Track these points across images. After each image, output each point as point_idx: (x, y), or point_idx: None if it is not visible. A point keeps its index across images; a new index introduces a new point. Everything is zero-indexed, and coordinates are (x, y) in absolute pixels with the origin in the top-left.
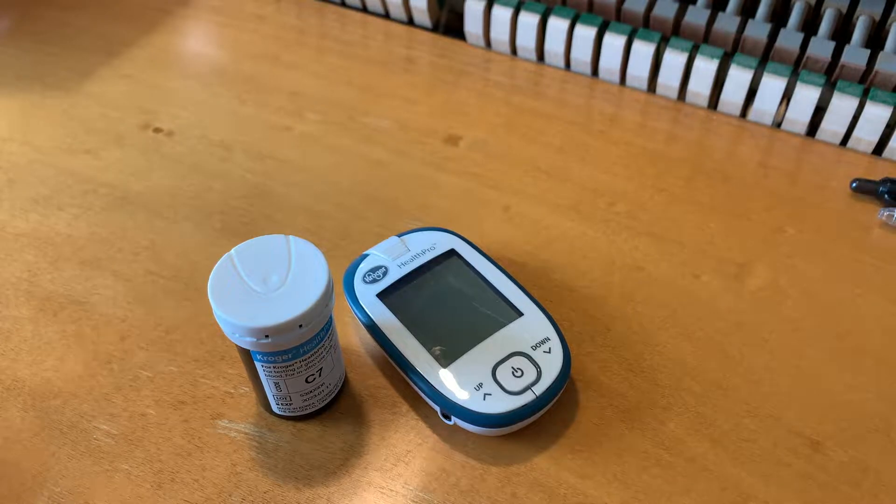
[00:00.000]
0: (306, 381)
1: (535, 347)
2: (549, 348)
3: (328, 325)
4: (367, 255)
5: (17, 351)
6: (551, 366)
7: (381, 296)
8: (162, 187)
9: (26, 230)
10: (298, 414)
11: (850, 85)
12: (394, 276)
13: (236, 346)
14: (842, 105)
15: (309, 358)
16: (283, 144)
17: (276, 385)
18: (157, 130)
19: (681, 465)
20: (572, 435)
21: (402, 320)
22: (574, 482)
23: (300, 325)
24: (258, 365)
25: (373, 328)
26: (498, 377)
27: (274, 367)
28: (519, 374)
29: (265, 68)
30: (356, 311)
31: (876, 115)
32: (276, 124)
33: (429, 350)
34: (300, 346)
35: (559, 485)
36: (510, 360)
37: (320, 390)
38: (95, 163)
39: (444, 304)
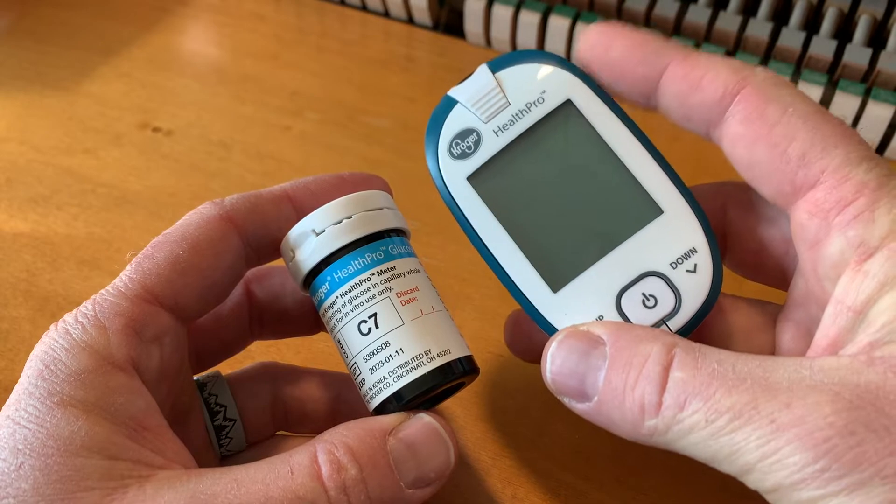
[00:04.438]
0: (359, 330)
1: (675, 265)
2: (695, 265)
3: (373, 249)
4: (453, 104)
5: (15, 351)
6: (694, 290)
7: (474, 179)
8: (161, 187)
9: (24, 230)
10: (381, 401)
11: (852, 84)
12: (490, 147)
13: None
14: (844, 104)
15: (350, 291)
16: (283, 144)
17: (340, 345)
18: (155, 130)
19: (684, 466)
20: (575, 435)
21: (501, 220)
22: (576, 484)
23: (313, 231)
24: (321, 314)
25: (463, 226)
26: (624, 307)
27: (324, 311)
28: (651, 303)
29: (264, 67)
30: (443, 194)
31: (878, 114)
32: (275, 123)
33: (536, 266)
34: (333, 272)
35: (561, 486)
36: (641, 283)
37: (389, 358)
38: (94, 162)
39: (557, 194)
